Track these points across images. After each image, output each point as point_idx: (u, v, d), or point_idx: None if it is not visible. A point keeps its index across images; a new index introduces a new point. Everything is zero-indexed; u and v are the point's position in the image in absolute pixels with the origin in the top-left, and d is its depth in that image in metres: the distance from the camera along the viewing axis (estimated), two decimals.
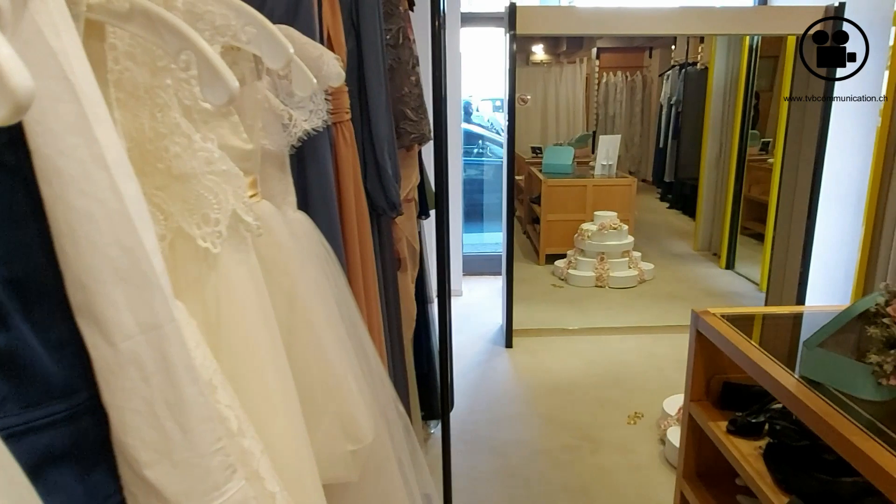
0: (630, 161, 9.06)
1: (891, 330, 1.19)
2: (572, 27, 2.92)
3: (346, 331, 0.66)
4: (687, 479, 1.84)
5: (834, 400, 1.24)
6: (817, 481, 1.35)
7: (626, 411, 2.51)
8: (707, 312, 1.73)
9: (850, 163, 3.31)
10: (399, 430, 0.75)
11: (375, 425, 0.67)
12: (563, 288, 4.16)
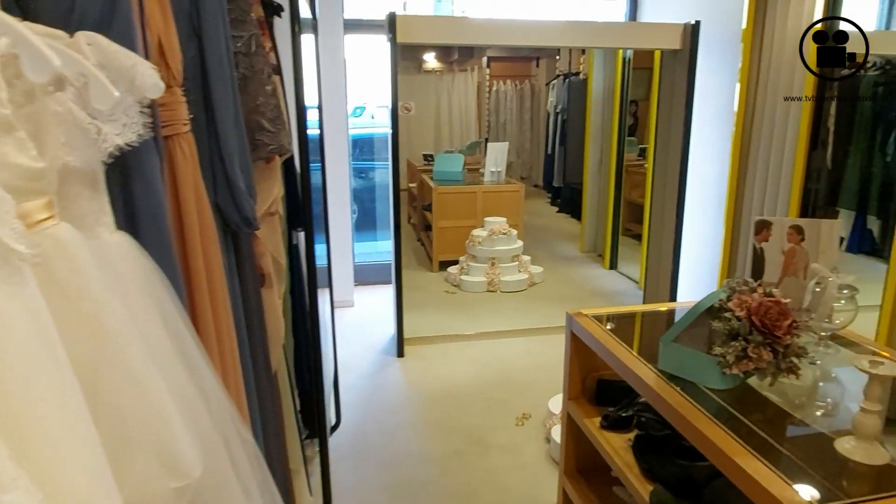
0: (521, 167, 9.40)
1: (732, 323, 1.30)
2: (452, 37, 2.98)
3: (174, 357, 0.63)
4: (568, 476, 1.92)
5: (690, 391, 1.34)
6: (678, 467, 1.45)
7: (514, 413, 2.59)
8: (580, 314, 1.81)
9: (711, 167, 3.62)
10: (244, 458, 0.72)
11: (211, 457, 0.63)
12: (456, 294, 4.22)
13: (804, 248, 1.70)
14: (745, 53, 3.28)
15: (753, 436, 1.20)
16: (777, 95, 3.14)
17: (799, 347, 1.32)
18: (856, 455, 1.10)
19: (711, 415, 1.23)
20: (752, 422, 1.27)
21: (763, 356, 1.28)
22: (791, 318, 1.30)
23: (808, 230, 1.70)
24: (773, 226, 1.72)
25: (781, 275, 1.72)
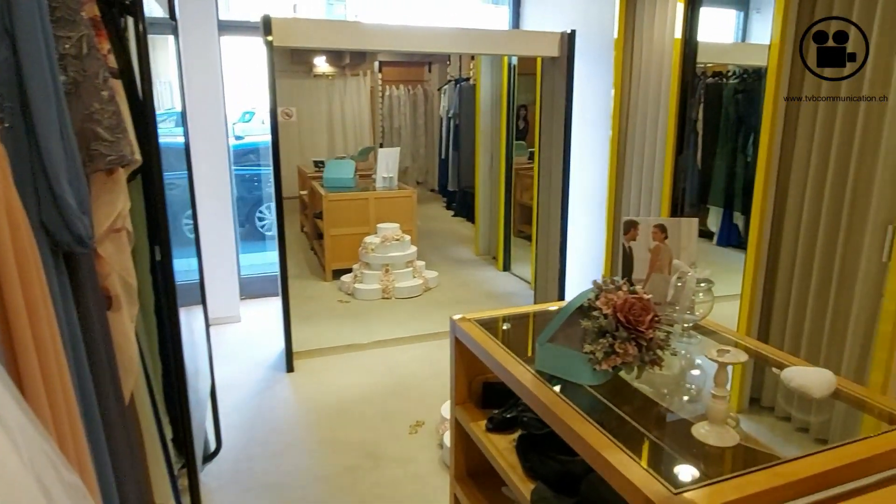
0: (417, 172, 9.46)
1: (599, 321, 1.36)
2: (332, 41, 2.93)
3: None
4: (458, 481, 1.94)
5: (569, 388, 1.38)
6: (558, 463, 1.50)
7: (408, 421, 2.57)
8: (463, 319, 1.83)
9: (594, 170, 3.80)
10: (66, 501, 0.65)
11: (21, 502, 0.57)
12: (350, 303, 4.16)
13: (668, 245, 1.81)
14: (618, 61, 3.48)
15: (623, 427, 1.26)
16: (647, 101, 3.36)
17: (661, 340, 1.41)
18: (709, 439, 1.18)
19: (586, 410, 1.28)
20: (624, 413, 1.33)
21: (629, 351, 1.34)
22: (653, 313, 1.37)
23: (670, 228, 1.81)
24: (640, 225, 1.82)
25: (649, 271, 1.82)
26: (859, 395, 1.37)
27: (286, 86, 7.81)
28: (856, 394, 1.37)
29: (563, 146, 3.76)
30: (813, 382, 1.35)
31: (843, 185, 2.27)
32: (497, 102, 5.15)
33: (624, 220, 1.83)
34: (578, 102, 3.81)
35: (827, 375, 1.36)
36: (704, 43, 5.58)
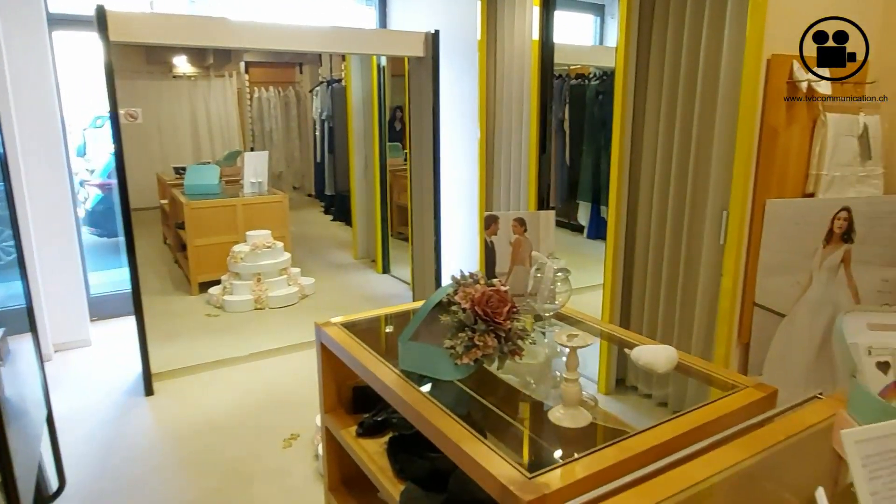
0: (293, 177, 9.18)
1: (458, 315, 1.37)
2: (180, 37, 2.75)
3: None
4: (333, 491, 1.88)
5: (432, 386, 1.37)
6: (427, 461, 1.49)
7: (282, 435, 2.47)
8: (327, 324, 1.78)
9: (465, 168, 3.87)
10: None
11: None
12: (219, 316, 3.93)
13: (527, 238, 1.87)
14: (482, 62, 3.57)
15: (483, 418, 1.28)
16: (511, 101, 3.47)
17: (520, 330, 1.44)
18: (564, 421, 1.22)
19: (450, 405, 1.28)
20: (488, 404, 1.35)
21: (488, 343, 1.36)
22: (510, 304, 1.40)
23: (529, 221, 1.88)
24: (500, 220, 1.86)
25: (511, 264, 1.87)
26: (702, 367, 1.49)
27: (142, 87, 7.28)
28: (700, 367, 1.49)
29: (432, 146, 3.80)
30: (657, 358, 1.44)
31: (684, 178, 2.47)
32: (368, 104, 5.11)
33: (485, 215, 1.86)
34: (447, 102, 3.87)
35: (669, 351, 1.47)
36: (566, 45, 5.89)
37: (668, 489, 0.93)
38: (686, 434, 1.14)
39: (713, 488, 0.96)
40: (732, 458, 1.01)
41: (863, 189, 2.37)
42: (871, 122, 2.34)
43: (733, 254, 2.27)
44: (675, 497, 0.92)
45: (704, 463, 1.00)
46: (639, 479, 0.95)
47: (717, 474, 0.97)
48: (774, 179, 2.25)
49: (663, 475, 0.96)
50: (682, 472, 0.98)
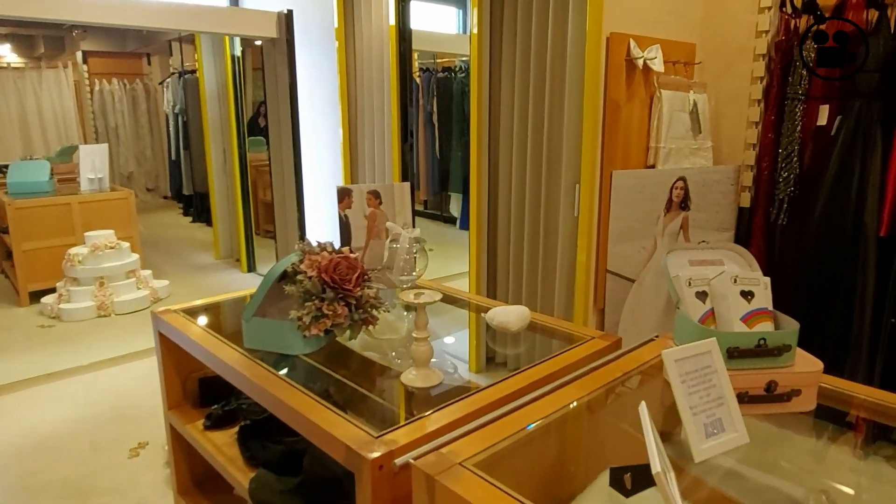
0: (146, 177, 8.53)
1: (305, 284, 1.31)
2: None
3: None
4: (183, 494, 1.74)
5: (282, 365, 1.30)
6: (282, 445, 1.41)
7: (129, 445, 2.26)
8: (167, 311, 1.64)
9: (329, 156, 3.77)
10: None
11: None
12: (55, 327, 3.53)
13: (383, 210, 1.85)
14: (340, 49, 3.50)
15: (334, 389, 1.23)
16: (372, 89, 3.43)
17: (373, 298, 1.41)
18: (417, 382, 1.20)
19: (301, 380, 1.21)
20: (340, 376, 1.30)
21: (338, 311, 1.31)
22: (359, 271, 1.37)
23: (384, 194, 1.85)
24: (354, 193, 1.82)
25: (367, 238, 1.83)
26: (553, 325, 1.54)
27: None
28: (552, 325, 1.54)
29: (291, 135, 3.67)
30: (511, 318, 1.47)
31: (539, 156, 2.57)
32: (224, 95, 4.85)
33: (337, 187, 1.81)
34: (306, 88, 3.75)
35: (522, 311, 1.50)
36: (428, 33, 5.94)
37: (508, 430, 0.94)
38: (532, 384, 1.17)
39: (551, 425, 0.99)
40: (571, 397, 1.05)
41: (696, 160, 2.59)
42: (699, 99, 2.57)
43: (586, 225, 2.39)
44: (515, 436, 0.93)
45: (546, 403, 1.02)
46: (481, 426, 0.95)
47: (556, 412, 1.00)
48: (619, 152, 2.40)
49: (504, 419, 0.97)
50: (523, 413, 0.99)
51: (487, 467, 0.84)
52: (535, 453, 0.98)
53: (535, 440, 0.96)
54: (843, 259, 2.26)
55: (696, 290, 1.05)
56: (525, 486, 0.80)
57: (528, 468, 0.96)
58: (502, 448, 0.91)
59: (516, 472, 0.91)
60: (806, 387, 0.97)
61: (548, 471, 1.00)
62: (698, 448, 0.85)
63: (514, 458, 0.93)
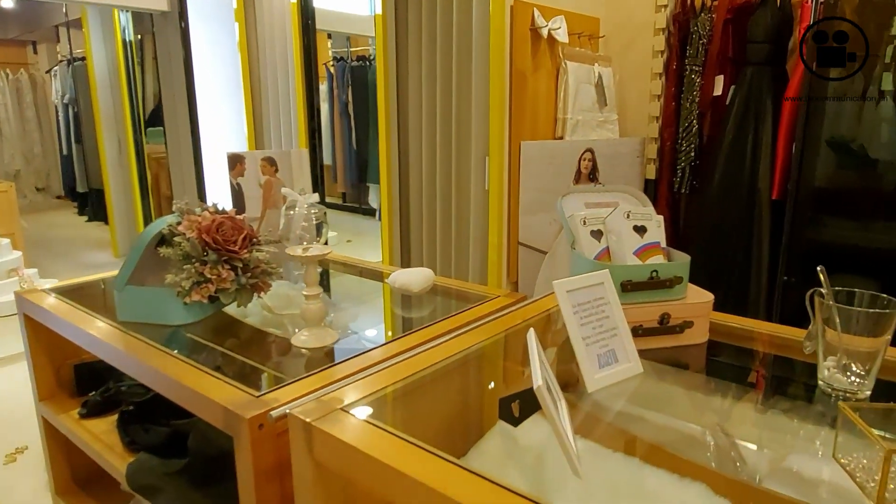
0: (35, 176, 7.91)
1: (183, 247, 1.21)
2: None
3: None
4: (63, 495, 1.58)
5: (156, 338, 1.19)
6: (167, 427, 1.31)
7: (4, 451, 2.05)
8: (33, 290, 1.49)
9: (234, 139, 3.60)
10: None
11: None
12: None
13: (279, 178, 1.76)
14: (241, 30, 3.35)
15: (218, 357, 1.14)
16: (277, 72, 3.29)
17: (265, 263, 1.32)
18: (310, 343, 1.13)
19: (186, 351, 1.12)
20: (226, 348, 1.21)
21: (223, 275, 1.22)
22: (246, 232, 1.28)
23: (280, 161, 1.76)
24: (246, 159, 1.72)
25: (263, 208, 1.74)
26: (458, 287, 1.51)
27: None
28: (457, 287, 1.50)
29: (189, 120, 3.48)
30: (413, 280, 1.42)
31: (449, 132, 2.54)
32: (116, 85, 4.54)
33: (227, 154, 1.71)
34: (206, 69, 3.57)
35: (425, 273, 1.46)
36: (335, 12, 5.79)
37: (398, 376, 0.89)
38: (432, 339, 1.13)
39: (447, 372, 0.94)
40: (465, 344, 1.01)
41: (602, 133, 2.64)
42: (604, 72, 2.61)
43: (496, 197, 2.38)
44: (405, 381, 0.88)
45: (440, 350, 0.98)
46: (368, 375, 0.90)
47: (451, 358, 0.96)
48: (527, 123, 2.40)
49: (393, 366, 0.92)
50: (415, 360, 0.95)
51: (373, 413, 0.78)
52: (431, 400, 0.93)
53: (428, 386, 0.92)
54: (740, 223, 2.36)
55: (591, 228, 1.04)
56: (420, 434, 0.75)
57: (423, 415, 0.91)
58: (391, 393, 0.86)
59: (408, 419, 0.87)
60: (698, 317, 0.97)
61: (448, 419, 0.96)
62: (591, 378, 0.83)
63: (404, 405, 0.88)
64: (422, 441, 0.69)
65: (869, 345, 0.78)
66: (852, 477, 0.61)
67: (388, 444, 0.69)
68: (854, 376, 0.79)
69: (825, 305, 0.81)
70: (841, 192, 2.29)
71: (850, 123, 2.24)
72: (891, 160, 2.21)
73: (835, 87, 2.18)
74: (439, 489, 0.60)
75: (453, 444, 0.90)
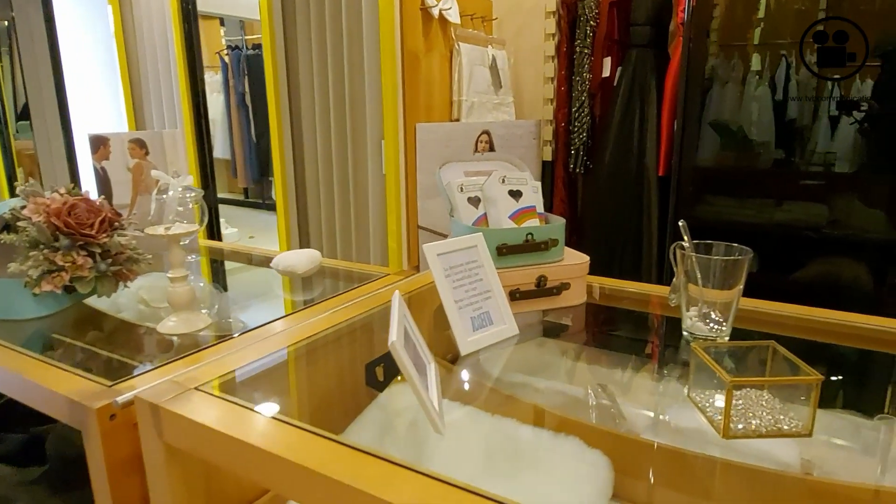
0: None
1: (29, 232, 1.10)
2: None
3: None
4: None
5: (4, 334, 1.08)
6: (24, 434, 1.20)
7: None
8: None
9: None
10: None
11: None
12: None
13: (150, 161, 1.65)
14: (116, 13, 3.13)
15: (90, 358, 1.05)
16: (158, 61, 3.09)
17: (130, 248, 1.23)
18: (178, 328, 1.06)
19: (36, 347, 1.01)
20: (85, 342, 1.12)
21: (78, 262, 1.13)
22: (105, 214, 1.19)
23: (150, 142, 1.65)
24: (111, 141, 1.60)
25: (133, 193, 1.63)
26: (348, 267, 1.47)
27: None
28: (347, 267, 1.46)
29: (59, 110, 3.22)
30: (298, 262, 1.37)
31: (343, 117, 2.48)
32: None
33: (89, 135, 1.58)
34: (76, 56, 3.31)
35: (312, 254, 1.41)
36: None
37: (262, 353, 0.85)
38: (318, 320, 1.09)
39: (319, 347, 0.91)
40: (342, 318, 0.98)
41: (498, 115, 2.67)
42: (498, 55, 2.64)
43: (393, 181, 2.35)
44: (271, 358, 0.84)
45: (314, 325, 0.95)
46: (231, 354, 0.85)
47: (325, 331, 0.93)
48: (422, 105, 2.39)
49: (261, 342, 0.88)
50: (284, 336, 0.91)
51: (232, 390, 0.74)
52: (304, 377, 0.90)
53: (301, 362, 0.88)
54: (632, 199, 2.45)
55: (469, 195, 1.04)
56: (293, 412, 0.71)
57: (296, 392, 0.88)
58: (259, 372, 0.81)
59: (278, 397, 0.82)
60: (574, 279, 0.99)
61: (324, 395, 0.92)
62: (464, 340, 0.82)
63: (273, 382, 0.84)
64: (295, 419, 0.66)
65: (724, 294, 0.82)
66: (703, 412, 0.64)
67: (249, 423, 0.65)
68: (713, 323, 0.83)
69: (686, 258, 0.84)
70: (721, 170, 2.43)
71: (731, 106, 2.38)
72: (767, 141, 2.36)
73: (711, 69, 2.31)
74: (309, 465, 0.57)
75: (331, 420, 0.86)
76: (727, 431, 0.58)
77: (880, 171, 2.18)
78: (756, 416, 0.61)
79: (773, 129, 2.34)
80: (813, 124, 2.30)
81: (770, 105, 2.34)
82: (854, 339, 0.92)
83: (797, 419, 0.61)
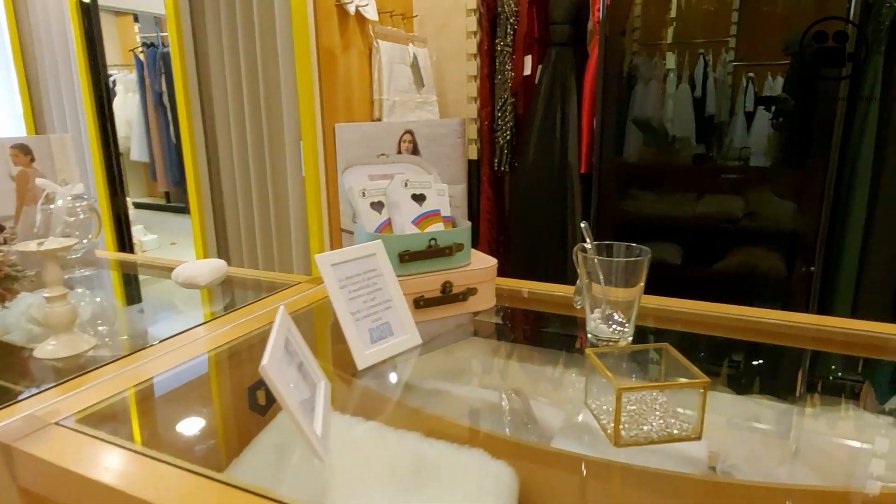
0: None
1: None
2: None
3: None
4: None
5: None
6: None
7: None
8: None
9: None
10: None
11: None
12: None
13: (37, 169, 1.53)
14: (8, 7, 2.93)
15: None
16: (56, 62, 2.90)
17: (11, 266, 1.14)
18: (58, 352, 0.98)
19: None
20: None
21: None
22: None
23: (36, 148, 1.54)
24: None
25: (18, 204, 1.51)
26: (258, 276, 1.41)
27: None
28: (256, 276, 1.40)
29: None
30: (200, 273, 1.30)
31: (259, 118, 2.40)
32: None
33: None
34: None
35: (216, 264, 1.34)
36: None
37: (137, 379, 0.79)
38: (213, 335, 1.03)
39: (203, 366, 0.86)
40: (240, 332, 0.93)
41: (421, 114, 2.64)
42: (420, 53, 2.61)
43: (313, 183, 2.29)
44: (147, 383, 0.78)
45: (202, 343, 0.89)
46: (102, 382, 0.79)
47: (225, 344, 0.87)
48: (340, 105, 2.33)
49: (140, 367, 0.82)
50: (170, 357, 0.85)
51: (100, 423, 0.68)
52: (186, 404, 0.84)
53: (184, 389, 0.82)
54: (555, 197, 2.48)
55: (371, 200, 1.00)
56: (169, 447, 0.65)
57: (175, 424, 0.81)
58: (134, 400, 0.75)
59: (153, 429, 0.76)
60: (482, 283, 0.97)
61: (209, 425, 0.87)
62: (361, 354, 0.79)
63: (149, 413, 0.78)
64: (170, 455, 0.60)
65: (626, 294, 0.82)
66: (597, 420, 0.62)
67: (114, 462, 0.59)
68: (616, 325, 0.83)
69: (588, 260, 0.83)
70: (644, 166, 2.48)
71: (653, 103, 2.44)
72: (687, 136, 2.43)
73: (633, 67, 2.36)
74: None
75: (216, 452, 0.80)
76: (618, 439, 0.57)
77: (791, 164, 2.28)
78: (648, 421, 0.60)
79: (693, 125, 2.41)
80: (730, 120, 2.39)
81: (690, 102, 2.41)
82: (757, 333, 0.94)
83: (688, 422, 0.61)
